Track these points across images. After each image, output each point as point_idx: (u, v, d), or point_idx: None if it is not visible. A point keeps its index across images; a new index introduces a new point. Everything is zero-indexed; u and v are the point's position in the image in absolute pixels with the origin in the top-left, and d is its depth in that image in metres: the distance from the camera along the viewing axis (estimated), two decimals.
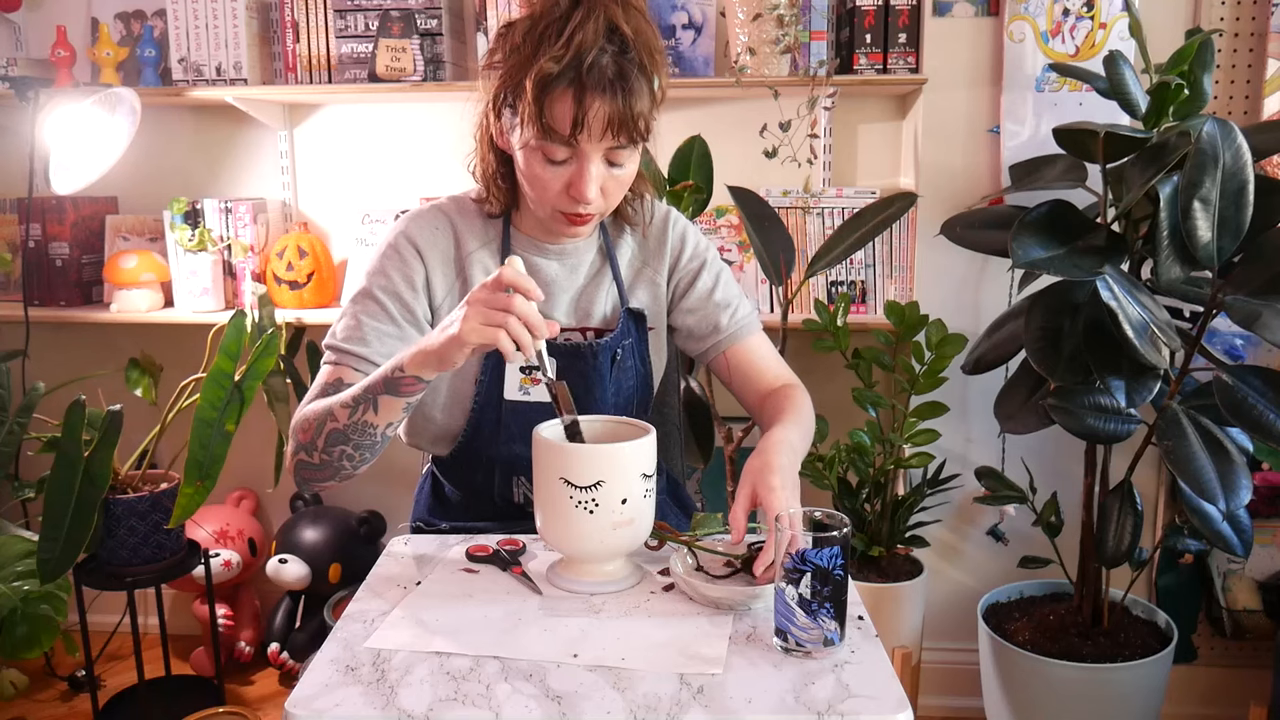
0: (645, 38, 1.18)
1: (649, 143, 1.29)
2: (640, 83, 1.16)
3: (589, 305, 1.37)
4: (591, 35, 1.13)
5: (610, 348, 1.34)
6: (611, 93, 1.14)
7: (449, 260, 1.33)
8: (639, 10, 1.19)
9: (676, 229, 1.41)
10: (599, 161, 1.20)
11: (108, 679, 2.48)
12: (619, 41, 1.15)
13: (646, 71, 1.17)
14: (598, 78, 1.13)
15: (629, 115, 1.15)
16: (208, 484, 1.90)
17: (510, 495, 1.38)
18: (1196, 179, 1.61)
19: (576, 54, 1.13)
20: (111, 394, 2.17)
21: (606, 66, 1.14)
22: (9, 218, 2.45)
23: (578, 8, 1.15)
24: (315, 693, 0.92)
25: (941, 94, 2.20)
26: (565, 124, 1.15)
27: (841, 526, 0.98)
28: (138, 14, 2.43)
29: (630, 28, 1.16)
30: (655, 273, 1.39)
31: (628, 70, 1.15)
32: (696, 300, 1.39)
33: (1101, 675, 1.90)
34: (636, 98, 1.15)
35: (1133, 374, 1.69)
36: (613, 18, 1.15)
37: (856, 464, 2.11)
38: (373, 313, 1.28)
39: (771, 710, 0.89)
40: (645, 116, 1.17)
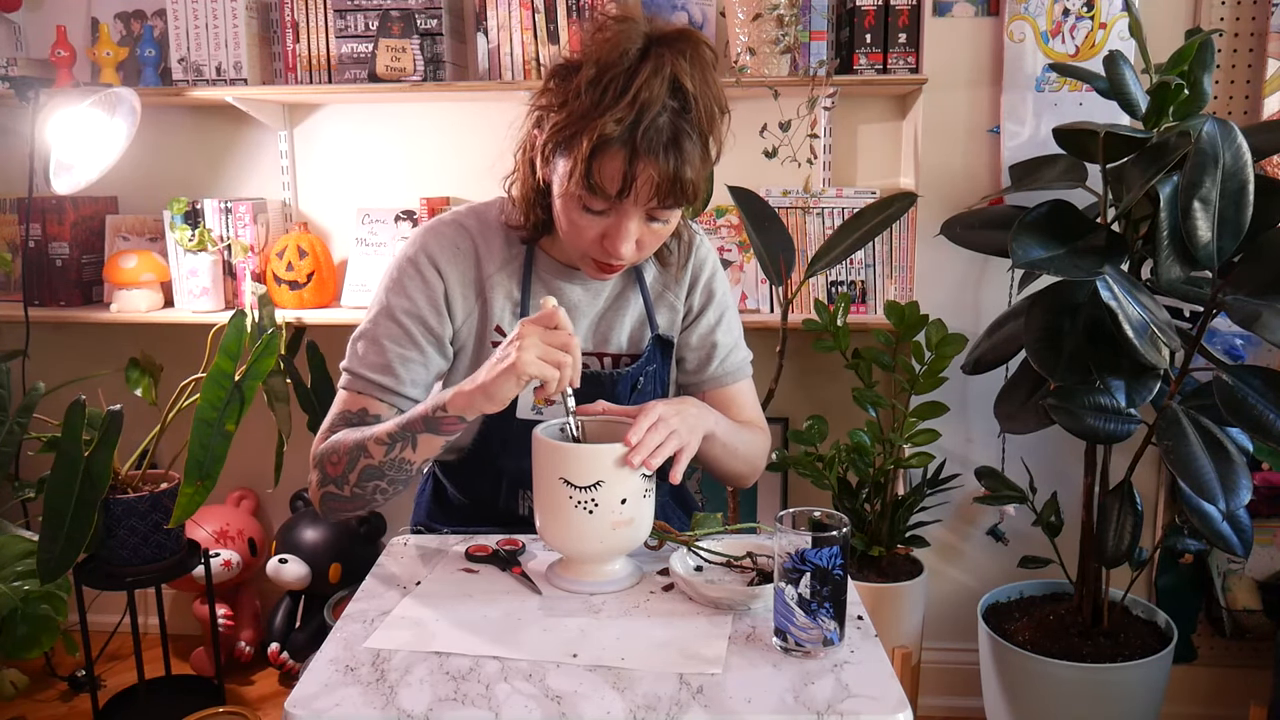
0: (708, 97, 1.12)
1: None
2: (695, 146, 1.11)
3: (607, 331, 1.35)
4: (656, 93, 1.08)
5: (632, 377, 1.32)
6: (665, 158, 1.09)
7: (469, 281, 1.29)
8: (705, 66, 1.13)
9: (699, 255, 1.38)
10: (639, 219, 1.16)
11: (108, 679, 2.48)
12: (681, 99, 1.10)
13: (704, 133, 1.12)
14: (653, 141, 1.08)
15: (679, 181, 1.11)
16: (208, 484, 1.90)
17: (515, 507, 1.38)
18: (1196, 179, 1.61)
19: (638, 115, 1.08)
20: (111, 394, 2.17)
21: (664, 128, 1.09)
22: (9, 218, 2.45)
23: (645, 61, 1.09)
24: (315, 693, 0.92)
25: (941, 94, 2.20)
26: (614, 185, 1.11)
27: (841, 526, 0.98)
28: (138, 14, 2.43)
29: (694, 86, 1.10)
30: (675, 298, 1.37)
31: (685, 133, 1.10)
32: (696, 336, 1.38)
33: (1101, 675, 1.90)
34: (689, 163, 1.10)
35: (1133, 374, 1.69)
36: (678, 74, 1.09)
37: (856, 464, 2.11)
38: (396, 337, 1.25)
39: (771, 710, 0.89)
40: (696, 182, 1.12)
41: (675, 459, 1.12)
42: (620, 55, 1.09)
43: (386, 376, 1.24)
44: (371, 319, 1.27)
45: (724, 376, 1.39)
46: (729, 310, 1.40)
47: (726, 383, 1.39)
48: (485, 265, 1.29)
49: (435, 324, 1.27)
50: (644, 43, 1.10)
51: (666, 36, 1.11)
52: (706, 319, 1.38)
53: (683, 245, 1.36)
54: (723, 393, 1.39)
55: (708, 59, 1.13)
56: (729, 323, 1.40)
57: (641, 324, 1.35)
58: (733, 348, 1.40)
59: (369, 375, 1.24)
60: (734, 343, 1.40)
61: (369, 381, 1.24)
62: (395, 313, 1.25)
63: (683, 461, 1.13)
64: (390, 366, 1.24)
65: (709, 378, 1.38)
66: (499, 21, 2.18)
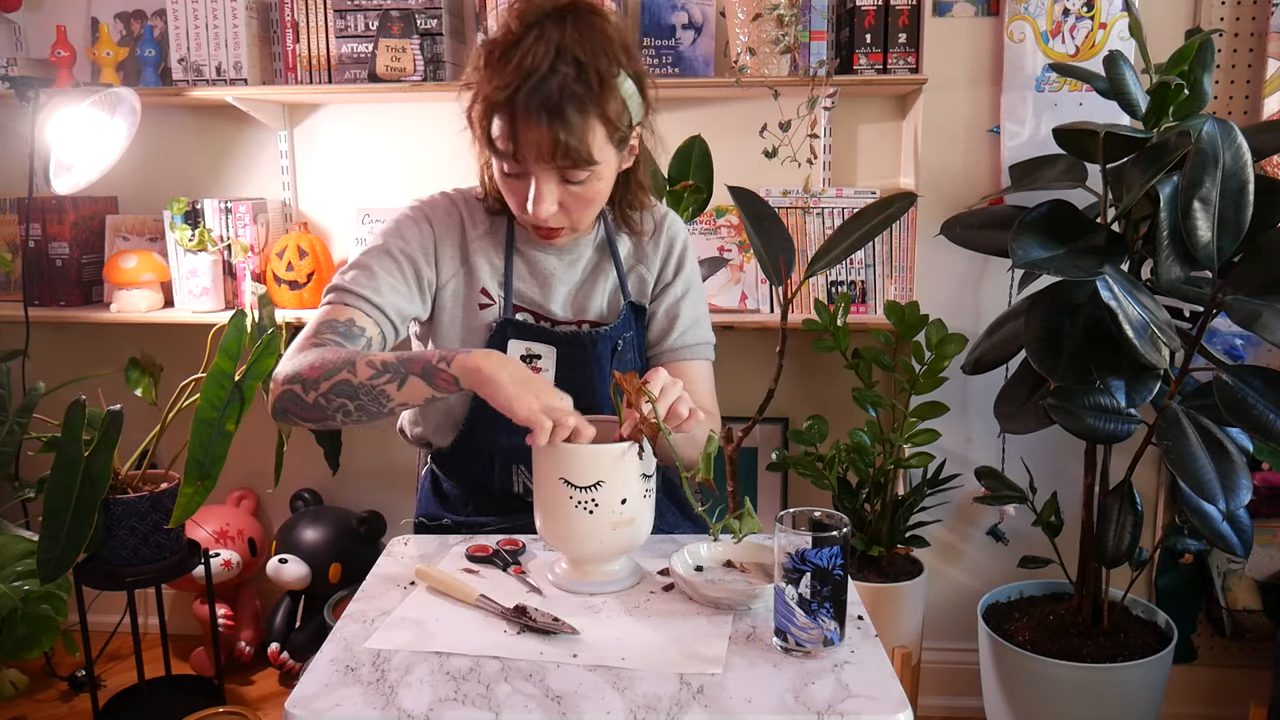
0: (601, 59, 1.18)
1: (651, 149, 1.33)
2: (585, 108, 1.16)
3: (585, 300, 1.39)
4: (538, 59, 1.15)
5: (611, 338, 1.37)
6: (547, 120, 1.15)
7: (456, 245, 1.37)
8: (596, 33, 1.19)
9: (670, 231, 1.44)
10: (552, 181, 1.22)
11: (108, 679, 2.48)
12: (572, 66, 1.16)
13: (596, 97, 1.17)
14: (536, 105, 1.15)
15: (564, 143, 1.17)
16: (208, 484, 1.90)
17: (510, 486, 1.39)
18: (1196, 179, 1.61)
19: (520, 80, 1.15)
20: (111, 394, 2.17)
21: (551, 92, 1.15)
22: (9, 218, 2.45)
23: (530, 31, 1.17)
24: (315, 693, 0.92)
25: (941, 94, 2.20)
26: (505, 145, 1.19)
27: (841, 526, 0.98)
28: (138, 14, 2.43)
29: (585, 50, 1.16)
30: (647, 270, 1.43)
31: (572, 97, 1.15)
32: (662, 306, 1.43)
33: (1101, 675, 1.90)
34: (574, 125, 1.16)
35: (1133, 374, 1.69)
36: (564, 42, 1.16)
37: (856, 464, 2.11)
38: (388, 267, 1.31)
39: (771, 710, 0.89)
40: (585, 142, 1.18)
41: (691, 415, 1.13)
42: (510, 29, 1.19)
43: (370, 290, 1.29)
44: (365, 252, 1.33)
45: (682, 350, 1.42)
46: (695, 287, 1.45)
47: (684, 357, 1.42)
48: (469, 233, 1.37)
49: (424, 267, 1.34)
50: (537, 16, 1.18)
51: (559, 10, 1.19)
52: (673, 290, 1.42)
53: (656, 218, 1.42)
54: (679, 368, 1.41)
55: (598, 26, 1.19)
56: (694, 299, 1.44)
57: (616, 293, 1.40)
58: (694, 323, 1.43)
59: (351, 287, 1.29)
60: (695, 319, 1.44)
61: (358, 295, 1.29)
62: (390, 248, 1.33)
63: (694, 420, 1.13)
64: (376, 285, 1.30)
65: (667, 349, 1.42)
66: (499, 21, 2.17)
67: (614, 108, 1.19)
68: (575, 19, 1.18)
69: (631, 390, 1.10)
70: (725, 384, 2.34)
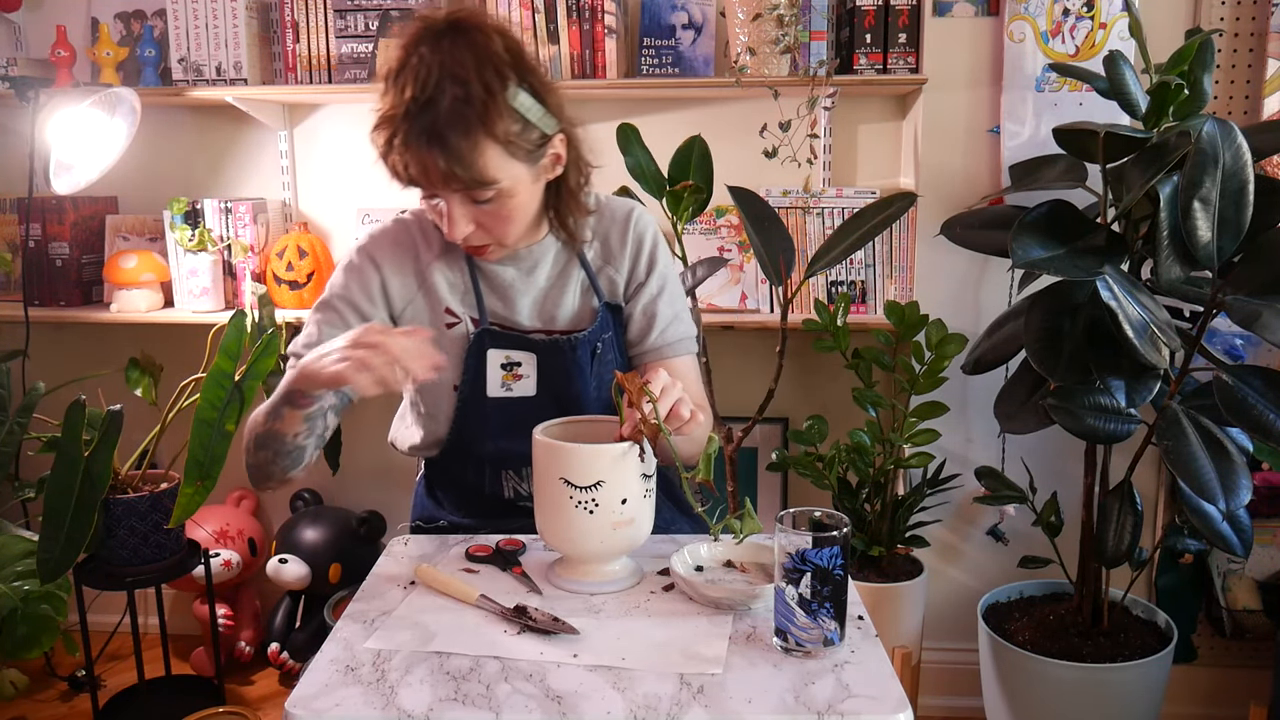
0: (486, 76, 1.15)
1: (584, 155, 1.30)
2: (470, 130, 1.14)
3: (553, 308, 1.37)
4: (419, 84, 1.13)
5: (589, 343, 1.35)
6: (432, 147, 1.14)
7: (408, 271, 1.36)
8: (478, 49, 1.15)
9: (637, 229, 1.40)
10: (460, 203, 1.21)
11: (108, 679, 2.48)
12: (454, 85, 1.13)
13: (483, 114, 1.14)
14: (420, 132, 1.14)
15: (451, 168, 1.15)
16: (208, 484, 1.90)
17: (500, 491, 1.39)
18: (1196, 179, 1.61)
19: (405, 107, 1.14)
20: (111, 394, 2.17)
21: (435, 119, 1.13)
22: (9, 218, 2.45)
23: (411, 56, 1.15)
24: (315, 693, 0.92)
25: (941, 94, 2.20)
26: (401, 175, 1.18)
27: (841, 526, 0.98)
28: (138, 14, 2.43)
29: (467, 69, 1.14)
30: (615, 271, 1.40)
31: (455, 120, 1.13)
32: (639, 306, 1.40)
33: (1101, 675, 1.90)
34: (459, 150, 1.14)
35: (1133, 374, 1.69)
36: (444, 63, 1.14)
37: (856, 464, 2.11)
38: (331, 321, 1.33)
39: (771, 710, 0.89)
40: (476, 165, 1.16)
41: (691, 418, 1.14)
42: (396, 54, 1.17)
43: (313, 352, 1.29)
44: (313, 310, 1.36)
45: (664, 348, 1.39)
46: (671, 282, 1.42)
47: (667, 354, 1.40)
48: (424, 256, 1.36)
49: (367, 308, 1.34)
50: (417, 39, 1.16)
51: (438, 30, 1.16)
52: (649, 289, 1.39)
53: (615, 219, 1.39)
54: (663, 366, 1.38)
55: (480, 43, 1.16)
56: (671, 295, 1.41)
57: (588, 296, 1.38)
58: (673, 320, 1.40)
59: (300, 352, 1.31)
60: (674, 315, 1.41)
61: (298, 358, 1.30)
62: (332, 301, 1.35)
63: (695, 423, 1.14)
64: (318, 345, 1.29)
65: (649, 348, 1.39)
66: None
67: (505, 125, 1.16)
68: (455, 38, 1.15)
69: (633, 390, 1.10)
70: (725, 384, 2.35)
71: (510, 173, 1.20)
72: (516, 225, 1.27)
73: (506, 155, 1.18)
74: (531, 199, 1.27)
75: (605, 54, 2.17)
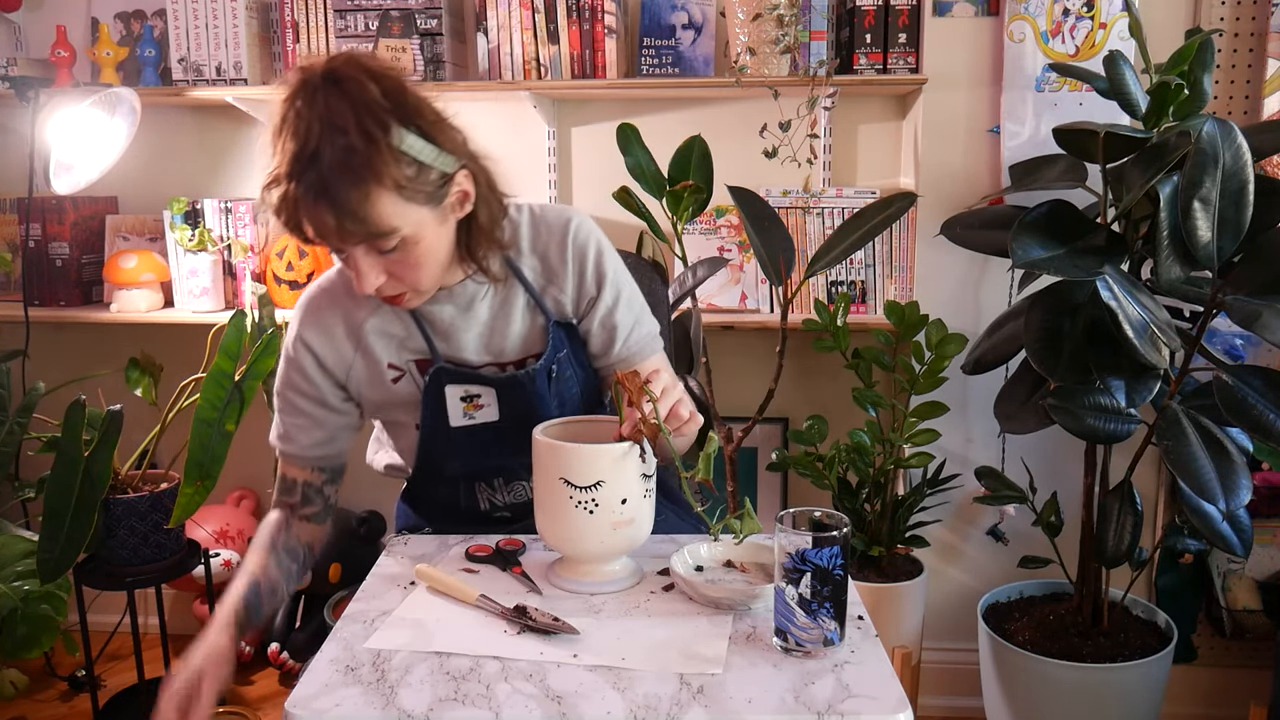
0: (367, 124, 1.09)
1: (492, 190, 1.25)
2: (359, 181, 1.08)
3: (501, 341, 1.33)
4: (301, 139, 1.08)
5: (544, 368, 1.32)
6: (321, 203, 1.08)
7: (340, 337, 1.32)
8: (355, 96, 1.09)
9: (576, 243, 1.33)
10: (365, 255, 1.15)
11: (108, 679, 2.48)
12: (336, 136, 1.07)
13: (369, 163, 1.08)
14: (307, 189, 1.08)
15: (343, 223, 1.09)
16: (208, 484, 1.90)
17: (475, 504, 1.39)
18: (1196, 179, 1.61)
19: (289, 164, 1.08)
20: (111, 394, 2.17)
21: (320, 174, 1.07)
22: (9, 218, 2.45)
23: (290, 110, 1.10)
24: (315, 693, 0.92)
25: (941, 94, 2.20)
26: (297, 234, 1.13)
27: (841, 526, 0.98)
28: (138, 14, 2.42)
29: (347, 119, 1.08)
30: (559, 290, 1.33)
31: (340, 173, 1.07)
32: (596, 321, 1.34)
33: (1101, 675, 1.90)
34: (348, 203, 1.08)
35: (1133, 374, 1.69)
36: (323, 114, 1.08)
37: (856, 464, 2.11)
38: (289, 411, 1.34)
39: (771, 710, 0.89)
40: (370, 216, 1.10)
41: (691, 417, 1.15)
42: (277, 112, 1.12)
43: (290, 445, 1.35)
44: (275, 398, 1.37)
45: (631, 356, 1.36)
46: (624, 287, 1.36)
47: (635, 361, 1.36)
48: (355, 315, 1.32)
49: (313, 391, 1.33)
50: (295, 93, 1.11)
51: (314, 82, 1.10)
52: (603, 302, 1.34)
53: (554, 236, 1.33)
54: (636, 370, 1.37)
55: (356, 92, 1.09)
56: (628, 300, 1.36)
57: (534, 321, 1.33)
58: (634, 325, 1.36)
59: (279, 446, 1.36)
60: (635, 320, 1.36)
61: (282, 452, 1.36)
62: (284, 393, 1.35)
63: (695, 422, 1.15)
64: (290, 437, 1.34)
65: (616, 359, 1.36)
66: (499, 21, 2.18)
67: (396, 170, 1.10)
68: (329, 89, 1.09)
69: (632, 390, 1.10)
70: (725, 384, 2.35)
71: (411, 218, 1.14)
72: (428, 270, 1.20)
73: (403, 201, 1.12)
74: (440, 241, 1.20)
75: (605, 54, 2.17)
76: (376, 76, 1.12)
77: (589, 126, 2.39)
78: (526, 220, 1.34)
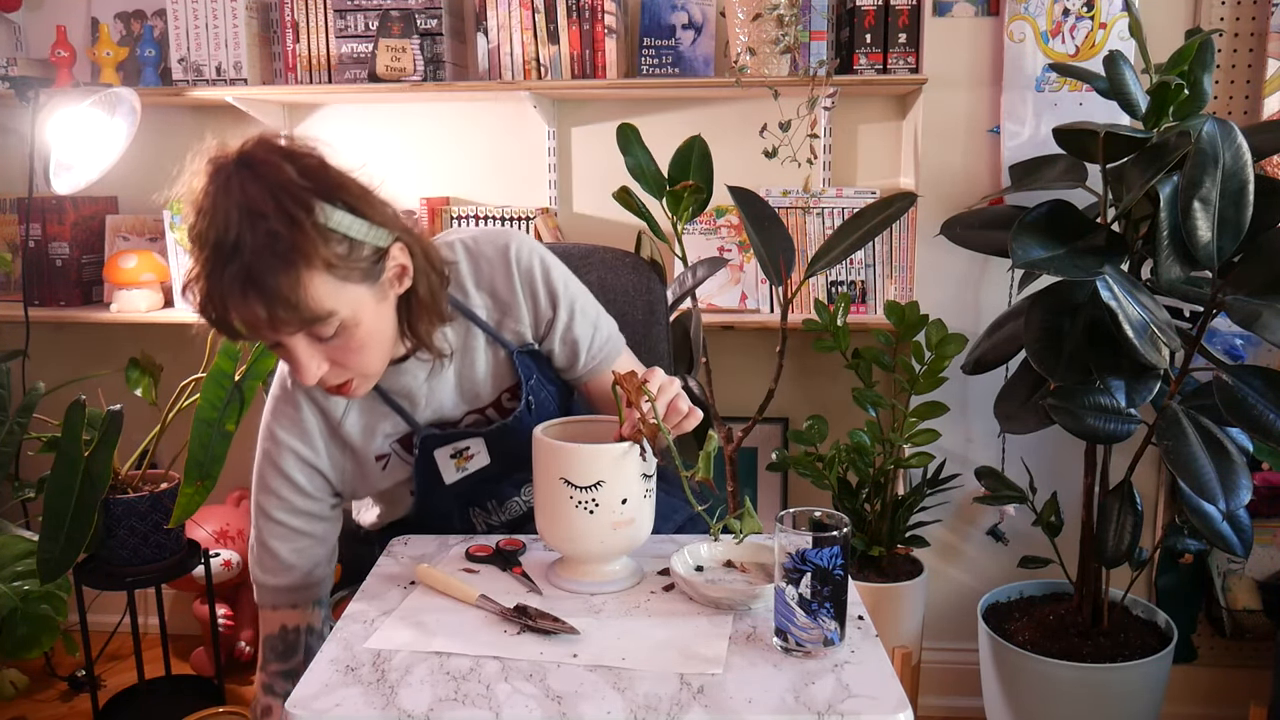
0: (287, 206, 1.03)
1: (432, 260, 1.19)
2: (288, 266, 1.02)
3: (472, 386, 1.31)
4: (220, 230, 1.02)
5: (525, 407, 1.30)
6: (247, 295, 1.03)
7: (324, 438, 1.28)
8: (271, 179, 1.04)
9: (521, 268, 1.29)
10: (303, 344, 1.09)
11: (108, 679, 2.48)
12: (256, 223, 1.02)
13: (296, 246, 1.02)
14: (232, 281, 1.02)
15: (275, 313, 1.03)
16: (208, 484, 1.90)
17: (471, 528, 1.39)
18: (1196, 179, 1.61)
19: (211, 257, 1.03)
20: (111, 394, 2.17)
21: (244, 263, 1.01)
22: (9, 218, 2.45)
23: (207, 200, 1.04)
24: (315, 693, 0.92)
25: (941, 94, 2.20)
26: (230, 331, 1.07)
27: (841, 526, 0.98)
28: (138, 14, 2.42)
29: (267, 203, 1.02)
30: (516, 321, 1.30)
31: (266, 260, 1.02)
32: (557, 340, 1.33)
33: (1101, 675, 1.90)
34: (278, 291, 1.02)
35: (1133, 374, 1.69)
36: (241, 201, 1.02)
37: (856, 464, 2.11)
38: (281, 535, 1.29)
39: (771, 710, 0.89)
40: (303, 301, 1.04)
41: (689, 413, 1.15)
42: (193, 206, 1.06)
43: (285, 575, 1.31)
44: (255, 507, 1.29)
45: (597, 365, 1.35)
46: (577, 299, 1.33)
47: (603, 368, 1.36)
48: (332, 415, 1.28)
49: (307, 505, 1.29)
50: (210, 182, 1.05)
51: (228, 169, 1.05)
52: (560, 319, 1.31)
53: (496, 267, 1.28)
54: (604, 377, 1.36)
55: (270, 175, 1.04)
56: (582, 311, 1.33)
57: (497, 359, 1.31)
58: (594, 333, 1.34)
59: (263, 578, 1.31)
60: (594, 327, 1.34)
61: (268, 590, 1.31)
62: (268, 510, 1.28)
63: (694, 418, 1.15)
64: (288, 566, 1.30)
65: (583, 371, 1.35)
66: (499, 21, 2.18)
67: (326, 250, 1.05)
68: (243, 175, 1.04)
69: (630, 390, 1.10)
70: (725, 384, 2.35)
71: (347, 299, 1.08)
72: (373, 352, 1.15)
73: (337, 281, 1.06)
74: (383, 320, 1.14)
75: (605, 54, 2.17)
76: (292, 156, 1.07)
77: (589, 126, 2.39)
78: (464, 257, 1.29)
